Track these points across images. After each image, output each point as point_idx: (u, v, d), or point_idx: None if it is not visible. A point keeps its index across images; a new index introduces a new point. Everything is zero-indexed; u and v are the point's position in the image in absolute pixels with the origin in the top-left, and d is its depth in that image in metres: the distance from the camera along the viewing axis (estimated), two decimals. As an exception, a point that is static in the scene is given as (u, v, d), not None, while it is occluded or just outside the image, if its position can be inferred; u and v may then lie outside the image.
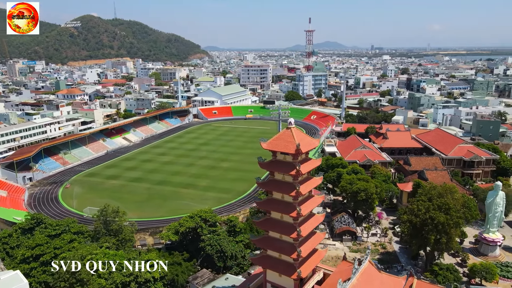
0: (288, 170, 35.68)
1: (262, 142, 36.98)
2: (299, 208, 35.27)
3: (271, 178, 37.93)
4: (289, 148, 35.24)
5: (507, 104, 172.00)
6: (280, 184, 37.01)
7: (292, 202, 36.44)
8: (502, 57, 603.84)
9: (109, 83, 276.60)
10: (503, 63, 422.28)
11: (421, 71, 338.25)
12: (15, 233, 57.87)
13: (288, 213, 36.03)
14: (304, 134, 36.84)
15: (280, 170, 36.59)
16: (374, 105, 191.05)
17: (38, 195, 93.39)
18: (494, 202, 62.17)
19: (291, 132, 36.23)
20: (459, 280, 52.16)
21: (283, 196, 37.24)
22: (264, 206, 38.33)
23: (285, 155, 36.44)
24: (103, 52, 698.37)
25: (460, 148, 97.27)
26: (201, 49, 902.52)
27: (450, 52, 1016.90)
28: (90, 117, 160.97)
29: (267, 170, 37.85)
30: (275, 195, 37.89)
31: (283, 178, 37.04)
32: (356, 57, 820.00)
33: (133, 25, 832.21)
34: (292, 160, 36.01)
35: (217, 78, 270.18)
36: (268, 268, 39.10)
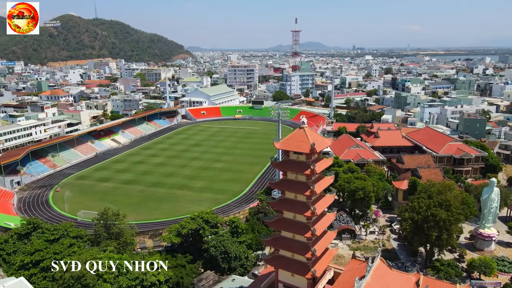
0: (302, 169, 35.74)
1: (275, 142, 36.90)
2: (314, 207, 35.36)
3: (283, 178, 37.88)
4: (303, 148, 35.30)
5: (490, 102, 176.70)
6: (294, 184, 37.03)
7: (306, 201, 36.52)
8: (480, 57, 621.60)
9: (93, 84, 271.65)
10: (481, 63, 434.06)
11: (404, 71, 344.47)
12: (11, 238, 56.18)
13: (302, 213, 36.11)
14: (317, 133, 36.95)
15: (294, 170, 36.60)
16: (361, 104, 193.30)
17: (27, 199, 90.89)
18: (489, 198, 63.74)
19: (304, 131, 36.30)
20: (460, 276, 53.24)
21: (296, 195, 37.29)
22: (277, 206, 38.27)
23: (298, 154, 36.49)
24: (84, 53, 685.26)
25: (450, 146, 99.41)
26: (184, 50, 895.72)
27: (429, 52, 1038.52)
28: (77, 119, 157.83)
29: (280, 170, 37.79)
30: (288, 194, 37.89)
31: (296, 177, 37.07)
32: (338, 57, 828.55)
33: (114, 25, 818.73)
34: (306, 160, 36.09)
35: (203, 78, 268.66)
36: (280, 268, 39.08)
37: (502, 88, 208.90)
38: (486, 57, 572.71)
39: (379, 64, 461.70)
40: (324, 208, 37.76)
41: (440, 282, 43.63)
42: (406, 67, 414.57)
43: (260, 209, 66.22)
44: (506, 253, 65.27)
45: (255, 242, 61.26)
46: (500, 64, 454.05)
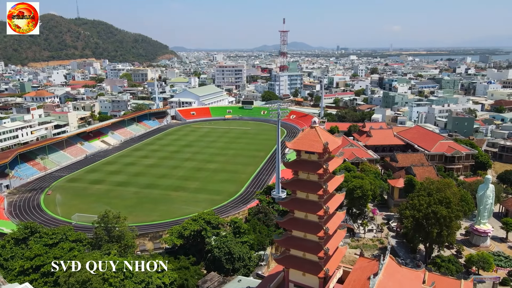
0: (314, 169, 35.82)
1: (287, 142, 36.85)
2: (327, 206, 35.48)
3: (295, 177, 37.87)
4: (316, 147, 35.38)
5: (475, 101, 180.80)
6: (305, 183, 37.07)
7: (318, 200, 36.60)
8: (461, 57, 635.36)
9: (78, 85, 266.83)
10: (463, 63, 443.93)
11: (389, 71, 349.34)
12: (8, 244, 54.57)
13: (315, 212, 36.17)
14: (328, 133, 37.09)
15: (306, 169, 36.64)
16: (350, 104, 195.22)
17: (18, 203, 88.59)
18: (485, 195, 65.21)
19: (316, 131, 36.38)
20: (460, 271, 54.28)
21: (307, 195, 37.32)
22: (288, 205, 38.24)
23: (310, 154, 36.54)
24: (67, 53, 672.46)
25: (441, 144, 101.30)
26: (169, 50, 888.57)
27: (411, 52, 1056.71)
28: (64, 120, 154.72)
29: (291, 169, 37.73)
30: (299, 194, 37.90)
31: (308, 177, 37.12)
32: (323, 57, 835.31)
33: (97, 24, 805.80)
34: (318, 159, 36.17)
35: (191, 79, 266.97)
36: (292, 268, 39.07)
37: (486, 87, 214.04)
38: (467, 57, 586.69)
39: (364, 64, 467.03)
40: (336, 207, 37.92)
41: (445, 278, 44.40)
42: (391, 67, 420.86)
43: (261, 209, 66.15)
44: (500, 248, 66.91)
45: (257, 243, 61.16)
46: (481, 64, 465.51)
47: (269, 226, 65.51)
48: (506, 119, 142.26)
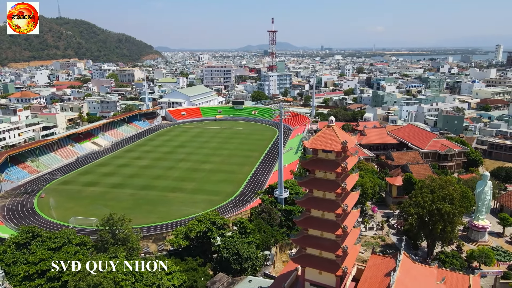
0: (332, 167, 36.00)
1: (305, 141, 36.91)
2: (345, 205, 35.70)
3: (311, 176, 37.97)
4: (334, 146, 35.55)
5: (461, 100, 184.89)
6: (323, 182, 37.22)
7: (335, 199, 36.80)
8: (443, 57, 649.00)
9: (63, 85, 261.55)
10: (445, 63, 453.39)
11: (376, 71, 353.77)
12: (9, 248, 53.03)
13: (333, 211, 36.36)
14: (343, 131, 37.30)
15: (323, 168, 36.78)
16: (340, 103, 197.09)
17: (11, 207, 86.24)
18: (483, 191, 66.66)
19: (333, 130, 36.56)
20: (464, 266, 55.36)
21: (324, 194, 37.48)
22: (305, 204, 38.31)
23: (327, 153, 36.71)
24: (48, 53, 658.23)
25: (434, 142, 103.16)
26: (154, 50, 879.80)
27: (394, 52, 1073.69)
28: (52, 122, 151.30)
29: (308, 168, 37.82)
30: (316, 193, 38.02)
31: (325, 176, 37.27)
32: (308, 57, 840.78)
33: (79, 24, 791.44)
34: (335, 158, 36.36)
35: (179, 79, 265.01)
36: (308, 266, 39.16)
37: (470, 87, 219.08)
38: (449, 57, 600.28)
39: (350, 64, 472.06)
40: (352, 205, 38.19)
41: (454, 273, 45.13)
42: (376, 66, 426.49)
43: (264, 209, 66.08)
44: (498, 242, 68.54)
45: (262, 242, 61.08)
46: (463, 64, 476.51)
47: (273, 225, 65.52)
48: (493, 117, 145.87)
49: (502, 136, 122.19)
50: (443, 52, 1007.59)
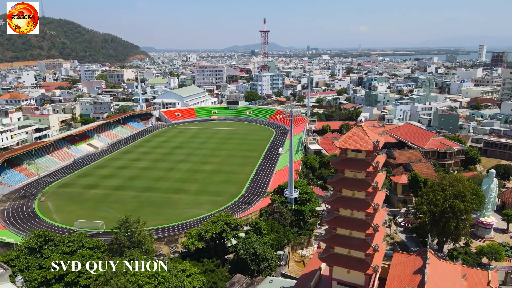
0: (363, 167, 36.21)
1: (335, 141, 37.03)
2: (376, 204, 35.97)
3: (341, 176, 38.12)
4: (365, 145, 35.76)
5: (452, 99, 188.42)
6: (352, 182, 37.38)
7: (365, 198, 37.03)
8: (428, 56, 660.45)
9: (52, 86, 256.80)
10: (431, 62, 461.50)
11: (365, 70, 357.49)
12: (22, 254, 51.79)
13: (363, 210, 36.56)
14: (371, 131, 37.55)
15: (353, 168, 36.95)
16: (333, 103, 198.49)
17: (11, 211, 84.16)
18: (489, 188, 68.13)
19: (363, 129, 36.80)
20: (476, 262, 56.45)
21: (354, 193, 37.68)
22: (334, 204, 38.43)
23: (357, 152, 36.91)
24: (32, 53, 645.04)
25: (433, 141, 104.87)
26: (140, 50, 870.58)
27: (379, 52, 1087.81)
28: (45, 123, 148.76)
29: (338, 168, 37.94)
30: (345, 192, 38.19)
31: (355, 175, 37.48)
32: (296, 57, 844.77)
33: (64, 24, 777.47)
34: (365, 157, 36.60)
35: (171, 79, 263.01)
36: (337, 266, 39.27)
37: (459, 86, 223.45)
38: (434, 56, 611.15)
39: (339, 64, 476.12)
40: (381, 204, 38.47)
41: (474, 269, 45.94)
42: (364, 66, 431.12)
43: (275, 209, 66.09)
44: (503, 238, 70.11)
45: (275, 243, 61.10)
46: (448, 63, 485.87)
47: (284, 226, 65.61)
48: (485, 116, 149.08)
49: (496, 134, 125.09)
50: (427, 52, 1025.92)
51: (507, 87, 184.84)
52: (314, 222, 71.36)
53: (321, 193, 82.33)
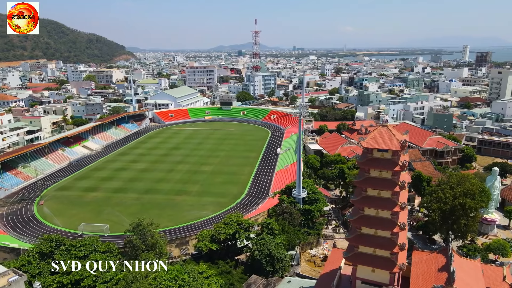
0: (389, 166, 36.54)
1: (362, 141, 37.26)
2: (403, 202, 36.35)
3: (366, 176, 38.38)
4: (392, 145, 36.09)
5: (442, 98, 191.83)
6: (378, 181, 37.68)
7: (391, 197, 37.38)
8: (413, 56, 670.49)
9: (39, 88, 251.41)
10: (417, 62, 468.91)
11: (354, 70, 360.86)
12: (33, 259, 50.58)
13: (389, 209, 36.92)
14: (396, 131, 37.92)
15: (379, 167, 37.25)
16: (326, 103, 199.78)
17: (10, 216, 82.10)
18: (493, 186, 69.59)
19: (389, 129, 37.13)
20: (486, 259, 57.56)
21: (379, 192, 38.00)
22: (359, 203, 38.68)
23: (383, 152, 37.23)
24: (14, 54, 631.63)
25: (431, 140, 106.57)
26: (126, 50, 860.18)
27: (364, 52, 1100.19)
28: (36, 126, 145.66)
29: (363, 168, 38.17)
30: (370, 192, 38.47)
31: (380, 174, 37.78)
32: (283, 57, 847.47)
33: (47, 23, 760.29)
34: (391, 157, 36.93)
35: (161, 80, 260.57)
36: (362, 265, 39.55)
37: (448, 85, 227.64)
38: (419, 57, 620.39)
39: (327, 64, 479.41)
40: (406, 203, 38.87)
41: (489, 266, 46.85)
42: (352, 66, 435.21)
43: (285, 209, 66.14)
44: (506, 235, 71.71)
45: (287, 243, 61.18)
46: (433, 63, 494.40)
47: (294, 226, 65.72)
48: (476, 115, 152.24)
49: (488, 133, 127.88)
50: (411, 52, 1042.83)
51: (495, 86, 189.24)
52: (322, 222, 71.70)
53: (326, 193, 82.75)
